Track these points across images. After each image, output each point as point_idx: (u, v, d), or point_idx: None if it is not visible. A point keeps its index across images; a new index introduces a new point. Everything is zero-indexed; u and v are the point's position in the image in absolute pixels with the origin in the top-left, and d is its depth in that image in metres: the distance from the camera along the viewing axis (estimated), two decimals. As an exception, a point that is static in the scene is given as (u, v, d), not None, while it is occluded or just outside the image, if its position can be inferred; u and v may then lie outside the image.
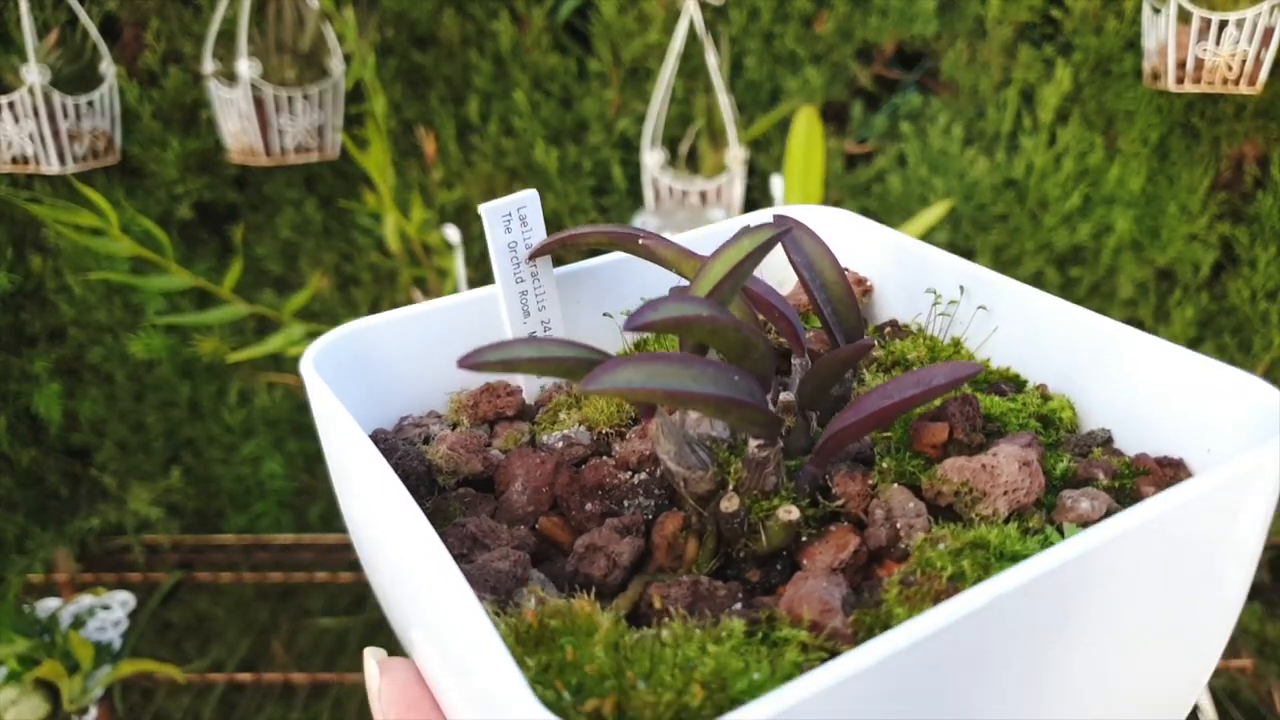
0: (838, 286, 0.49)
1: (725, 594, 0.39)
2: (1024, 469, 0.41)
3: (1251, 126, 1.26)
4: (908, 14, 1.27)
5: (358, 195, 1.34)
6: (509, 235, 0.54)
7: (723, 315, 0.38)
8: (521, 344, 0.41)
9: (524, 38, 1.29)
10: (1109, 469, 0.44)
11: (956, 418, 0.44)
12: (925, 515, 0.41)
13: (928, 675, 0.31)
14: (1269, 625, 1.44)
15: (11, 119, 1.12)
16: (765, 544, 0.41)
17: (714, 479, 0.43)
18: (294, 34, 1.19)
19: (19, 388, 1.38)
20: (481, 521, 0.45)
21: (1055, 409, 0.49)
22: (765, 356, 0.41)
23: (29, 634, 1.17)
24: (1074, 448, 0.47)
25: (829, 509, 0.42)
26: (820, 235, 0.58)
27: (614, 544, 0.42)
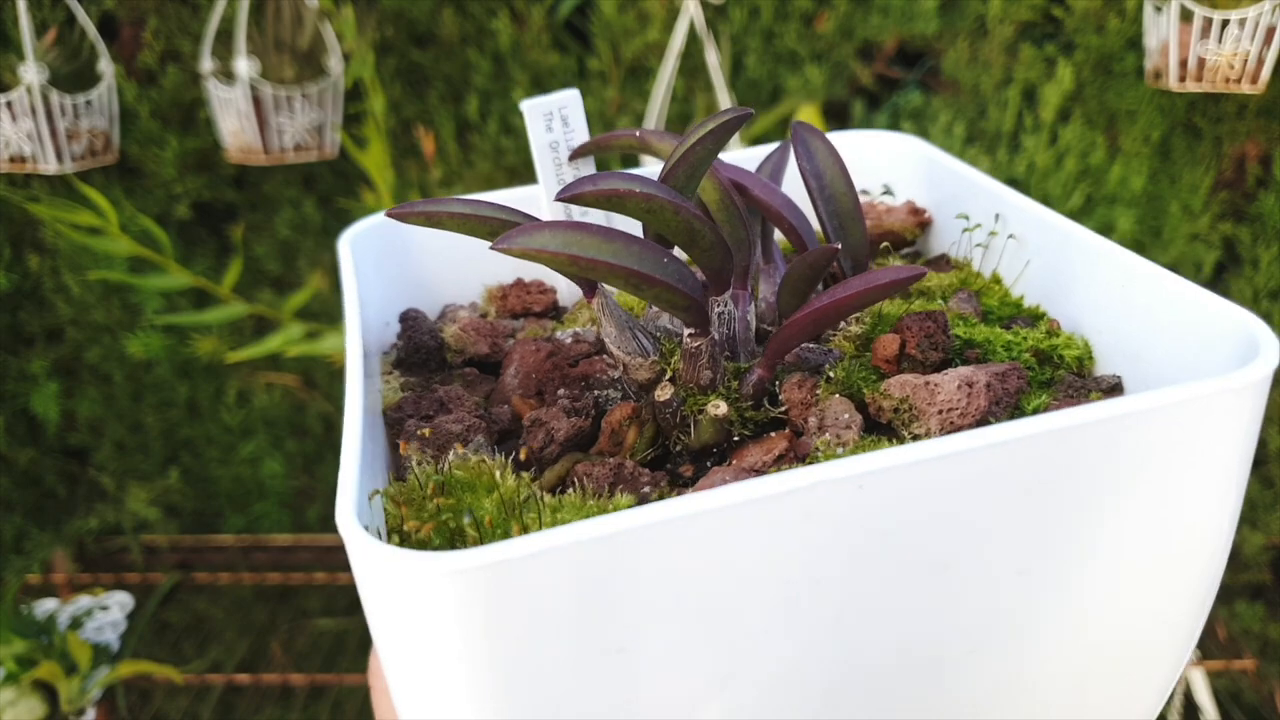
0: (845, 199, 0.48)
1: (647, 480, 0.39)
2: (963, 389, 0.39)
3: (1253, 126, 1.26)
4: (909, 12, 1.27)
5: (356, 194, 1.33)
6: (550, 134, 0.54)
7: (661, 194, 0.37)
8: (458, 202, 0.41)
9: (523, 36, 1.29)
10: None
11: (912, 331, 0.43)
12: (857, 428, 0.40)
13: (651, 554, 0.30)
14: (1271, 626, 1.44)
15: (9, 118, 1.11)
16: (695, 439, 0.41)
17: (653, 368, 0.43)
18: (292, 33, 1.19)
19: (17, 388, 1.37)
20: (451, 390, 0.47)
21: (1058, 345, 0.47)
22: (714, 247, 0.40)
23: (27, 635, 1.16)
24: (1068, 388, 0.45)
25: (771, 414, 0.42)
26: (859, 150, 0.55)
27: (556, 421, 0.43)
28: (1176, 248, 1.32)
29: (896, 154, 0.61)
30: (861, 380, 0.43)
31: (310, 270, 1.39)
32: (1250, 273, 1.31)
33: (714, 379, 0.41)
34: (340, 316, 1.36)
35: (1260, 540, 1.39)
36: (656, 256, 0.37)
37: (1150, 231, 1.33)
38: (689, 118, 1.30)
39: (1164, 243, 1.32)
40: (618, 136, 0.54)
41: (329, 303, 1.41)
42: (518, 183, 1.34)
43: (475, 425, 0.43)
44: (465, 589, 0.29)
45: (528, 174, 1.34)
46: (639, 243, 0.37)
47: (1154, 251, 1.33)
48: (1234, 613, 1.45)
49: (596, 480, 0.39)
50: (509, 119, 1.33)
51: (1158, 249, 1.33)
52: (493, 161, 1.34)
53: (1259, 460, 1.40)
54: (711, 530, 0.30)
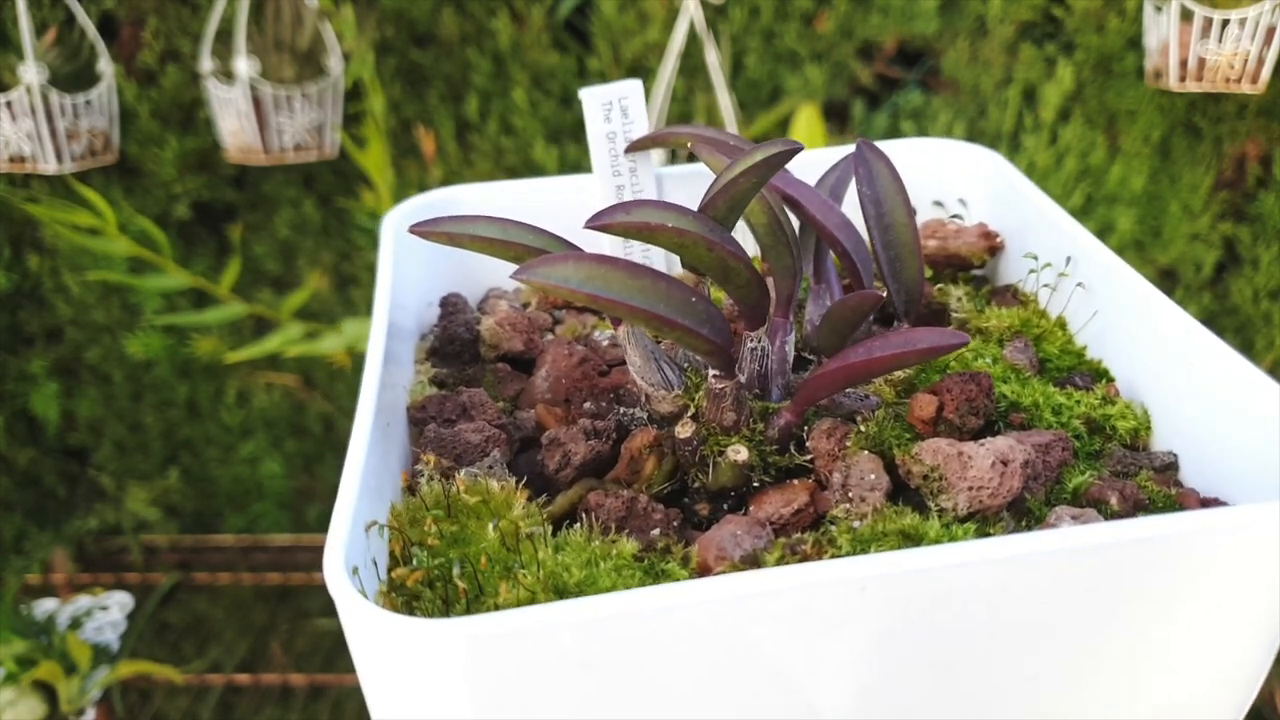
0: (904, 230, 0.45)
1: (660, 517, 0.38)
2: (996, 467, 0.36)
3: (1254, 125, 1.26)
4: (909, 12, 1.27)
5: (356, 194, 1.33)
6: (609, 125, 0.52)
7: (695, 229, 0.36)
8: (485, 222, 0.40)
9: (523, 36, 1.29)
10: (1130, 495, 0.38)
11: (952, 395, 0.40)
12: (883, 492, 0.38)
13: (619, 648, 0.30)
14: (1271, 626, 1.44)
15: (9, 118, 1.11)
16: (713, 480, 0.40)
17: (676, 402, 0.42)
18: (292, 32, 1.19)
19: (16, 388, 1.37)
20: (476, 394, 0.46)
21: (1112, 415, 0.43)
22: (749, 285, 0.38)
23: (26, 635, 1.16)
24: (1117, 464, 0.41)
25: (795, 461, 0.41)
26: (933, 160, 0.53)
27: (574, 443, 0.42)
28: (1176, 247, 1.32)
29: (973, 168, 0.58)
30: (894, 438, 0.40)
31: (310, 270, 1.39)
32: (1250, 273, 1.31)
33: (738, 420, 0.40)
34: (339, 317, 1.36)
35: (1260, 540, 1.39)
36: (684, 296, 0.36)
37: (1150, 231, 1.33)
38: (689, 118, 1.30)
39: (1164, 243, 1.32)
40: (676, 134, 0.52)
41: (328, 303, 1.41)
42: (517, 183, 1.34)
43: (494, 437, 0.42)
44: (438, 656, 0.29)
45: (528, 173, 1.34)
46: (666, 280, 0.36)
47: (1154, 251, 1.33)
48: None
49: (607, 513, 0.38)
50: (509, 119, 1.33)
51: (1158, 249, 1.33)
52: (493, 161, 1.34)
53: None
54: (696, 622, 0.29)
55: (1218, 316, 1.36)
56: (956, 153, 0.58)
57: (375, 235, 1.35)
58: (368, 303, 1.41)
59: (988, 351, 0.47)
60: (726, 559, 0.35)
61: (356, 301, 1.41)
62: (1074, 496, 0.39)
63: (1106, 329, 0.48)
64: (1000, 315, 0.51)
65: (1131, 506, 0.38)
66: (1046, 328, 0.50)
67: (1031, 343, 0.49)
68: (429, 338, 0.54)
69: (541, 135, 1.32)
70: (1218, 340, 0.41)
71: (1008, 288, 0.55)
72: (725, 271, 0.38)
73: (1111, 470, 0.41)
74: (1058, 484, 0.40)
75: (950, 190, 0.59)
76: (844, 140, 1.34)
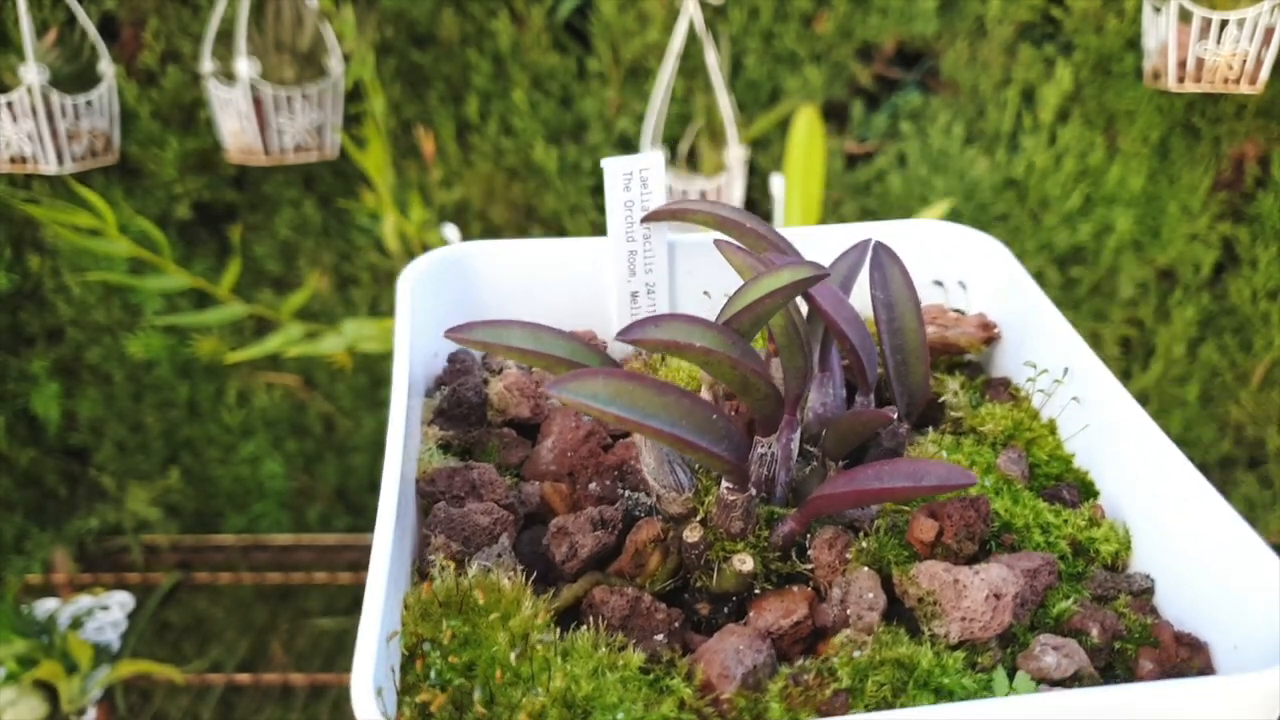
0: (913, 335, 0.47)
1: (662, 618, 0.39)
2: (990, 601, 0.38)
3: (1252, 126, 1.26)
4: (908, 13, 1.27)
5: (356, 195, 1.34)
6: (627, 194, 0.54)
7: (721, 348, 0.37)
8: (519, 329, 0.41)
9: (523, 37, 1.29)
10: (1109, 626, 0.39)
11: (951, 520, 0.41)
12: (879, 611, 0.39)
13: None
14: (1270, 625, 1.44)
15: (10, 118, 1.11)
16: (716, 584, 0.41)
17: (686, 504, 0.43)
18: (293, 33, 1.19)
19: (17, 388, 1.37)
20: (485, 471, 0.46)
21: (1096, 538, 0.45)
22: (767, 398, 0.40)
23: (27, 634, 1.16)
24: (1099, 587, 0.42)
25: (796, 569, 0.42)
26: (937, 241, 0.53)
27: (581, 534, 0.43)
28: (1175, 248, 1.32)
29: (976, 254, 0.58)
30: (893, 557, 0.41)
31: (310, 270, 1.39)
32: (1249, 273, 1.31)
33: (745, 528, 0.41)
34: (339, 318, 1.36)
35: (1259, 540, 1.40)
36: (705, 414, 0.37)
37: (1149, 231, 1.33)
38: (688, 118, 1.30)
39: (1163, 243, 1.32)
40: (692, 210, 0.53)
41: (329, 303, 1.42)
42: (518, 184, 1.34)
43: (502, 519, 0.43)
44: None
45: (528, 174, 1.34)
46: (690, 399, 0.37)
47: (1153, 251, 1.33)
48: (1233, 612, 1.45)
49: (612, 611, 0.39)
50: (509, 119, 1.33)
51: (1156, 249, 1.33)
52: (493, 162, 1.34)
53: (1258, 460, 1.40)
54: None
55: (1216, 317, 1.36)
56: (961, 237, 0.59)
57: (375, 236, 1.36)
58: (368, 303, 1.41)
59: (982, 459, 0.48)
60: (729, 678, 0.36)
61: (357, 302, 1.42)
62: (1056, 623, 0.40)
63: (1096, 443, 0.49)
64: (995, 415, 0.52)
65: (1110, 638, 0.39)
66: (1038, 432, 0.51)
67: (1025, 451, 0.50)
68: (436, 396, 0.55)
69: (541, 136, 1.32)
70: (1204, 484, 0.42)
71: (1003, 382, 0.56)
72: (746, 386, 0.39)
73: (1093, 593, 0.42)
74: (1042, 607, 0.41)
75: (952, 271, 0.59)
76: (844, 141, 1.34)
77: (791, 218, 1.10)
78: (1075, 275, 1.35)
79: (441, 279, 0.56)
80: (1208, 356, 1.36)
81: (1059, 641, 0.38)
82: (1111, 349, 1.39)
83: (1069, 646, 0.38)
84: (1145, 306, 1.37)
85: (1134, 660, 0.39)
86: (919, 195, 1.33)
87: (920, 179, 1.33)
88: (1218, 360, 1.36)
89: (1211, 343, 1.36)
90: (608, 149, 1.33)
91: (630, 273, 0.56)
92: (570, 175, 1.34)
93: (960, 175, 1.31)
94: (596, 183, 1.36)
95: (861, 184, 1.36)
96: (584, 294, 0.57)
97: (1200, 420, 1.40)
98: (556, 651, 0.37)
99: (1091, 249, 1.34)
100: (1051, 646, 0.37)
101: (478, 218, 1.37)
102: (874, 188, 1.36)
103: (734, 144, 1.22)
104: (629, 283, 0.57)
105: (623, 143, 1.33)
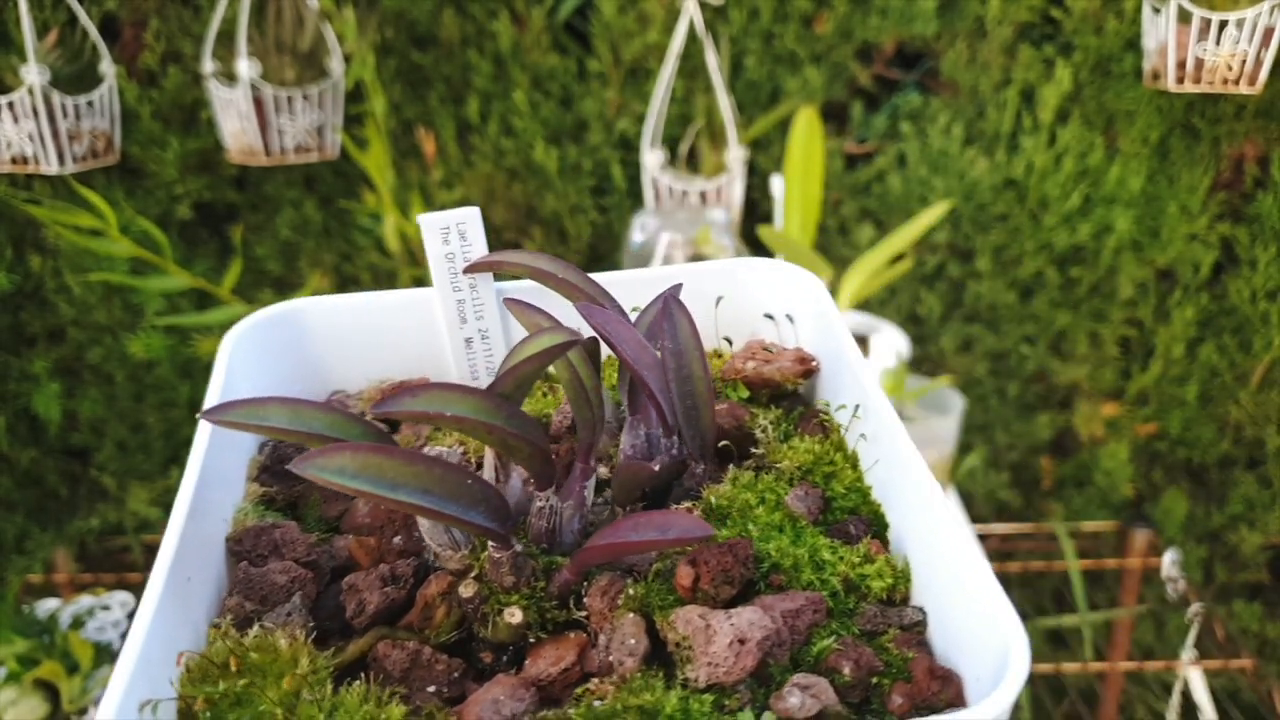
0: (700, 383, 0.49)
1: (443, 668, 0.41)
2: (734, 647, 0.39)
3: (1251, 126, 1.26)
4: (908, 14, 1.27)
5: (357, 195, 1.34)
6: (447, 247, 0.56)
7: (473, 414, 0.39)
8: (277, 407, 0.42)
9: (524, 38, 1.29)
10: (864, 663, 0.40)
11: (708, 566, 0.42)
12: (640, 657, 0.40)
13: None
14: (1268, 625, 1.44)
15: (11, 119, 1.11)
16: (491, 635, 0.43)
17: (462, 561, 0.44)
18: (293, 34, 1.19)
19: (18, 388, 1.38)
20: (288, 530, 0.48)
21: (869, 574, 0.45)
22: (532, 457, 0.42)
23: (28, 634, 1.17)
24: (868, 622, 0.43)
25: (573, 616, 0.43)
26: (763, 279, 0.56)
27: (369, 590, 0.44)
28: (1174, 248, 1.32)
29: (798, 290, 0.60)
30: (659, 602, 0.43)
31: (311, 271, 1.39)
32: (1248, 273, 1.31)
33: (517, 582, 0.42)
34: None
35: (1258, 540, 1.40)
36: (458, 480, 0.38)
37: (1148, 232, 1.33)
38: (688, 119, 1.30)
39: (1162, 243, 1.33)
40: (509, 261, 0.56)
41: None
42: (518, 184, 1.34)
43: (300, 577, 0.45)
44: None
45: (529, 175, 1.34)
46: (441, 466, 0.38)
47: (1152, 252, 1.33)
48: (1232, 612, 1.45)
49: (393, 665, 0.40)
50: (509, 120, 1.33)
51: (1156, 249, 1.33)
52: (493, 162, 1.34)
53: (1257, 460, 1.40)
54: None
55: (1215, 317, 1.36)
56: (784, 273, 0.60)
57: (376, 236, 1.36)
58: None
59: (773, 496, 0.49)
60: None
61: (357, 302, 1.42)
62: (816, 661, 0.41)
63: (886, 478, 0.50)
64: (798, 450, 0.52)
65: (865, 674, 0.40)
66: (839, 465, 0.52)
67: (816, 487, 0.50)
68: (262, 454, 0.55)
69: (542, 137, 1.32)
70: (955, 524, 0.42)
71: (815, 414, 0.56)
72: (507, 448, 0.41)
73: (861, 628, 0.43)
74: (808, 644, 0.42)
75: (781, 306, 0.61)
76: (843, 141, 1.35)
77: (791, 218, 1.11)
78: (1075, 275, 1.35)
79: (270, 336, 0.58)
80: (1207, 357, 1.37)
81: (809, 681, 0.38)
82: (1111, 349, 1.40)
83: (818, 686, 0.38)
84: (1144, 307, 1.37)
85: (886, 695, 0.40)
86: (918, 196, 1.33)
87: (920, 179, 1.33)
88: (1217, 360, 1.36)
89: (1211, 343, 1.36)
90: (608, 149, 1.33)
91: (461, 320, 0.58)
92: (570, 176, 1.34)
93: (960, 176, 1.32)
94: (597, 183, 1.36)
95: (861, 184, 1.36)
96: (421, 342, 0.58)
97: (1199, 420, 1.40)
98: (322, 708, 0.38)
99: (1091, 249, 1.34)
100: (800, 686, 0.38)
101: (478, 218, 1.37)
102: (873, 188, 1.36)
103: (734, 145, 1.23)
104: (461, 330, 0.58)
105: (623, 143, 1.33)
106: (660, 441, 0.49)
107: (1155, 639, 1.49)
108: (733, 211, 1.24)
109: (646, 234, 1.11)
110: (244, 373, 0.55)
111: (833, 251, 1.37)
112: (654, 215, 1.21)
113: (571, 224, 1.36)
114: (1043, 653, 1.49)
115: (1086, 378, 1.41)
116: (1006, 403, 1.44)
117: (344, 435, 0.42)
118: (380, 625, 0.44)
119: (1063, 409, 1.45)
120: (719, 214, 1.20)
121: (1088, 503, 1.46)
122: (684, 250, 1.12)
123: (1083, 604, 1.34)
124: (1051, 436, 1.45)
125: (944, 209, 1.21)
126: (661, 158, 1.24)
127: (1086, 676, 1.47)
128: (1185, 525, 1.45)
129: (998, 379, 1.43)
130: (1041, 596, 1.54)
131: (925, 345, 1.42)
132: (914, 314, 1.40)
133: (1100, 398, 1.43)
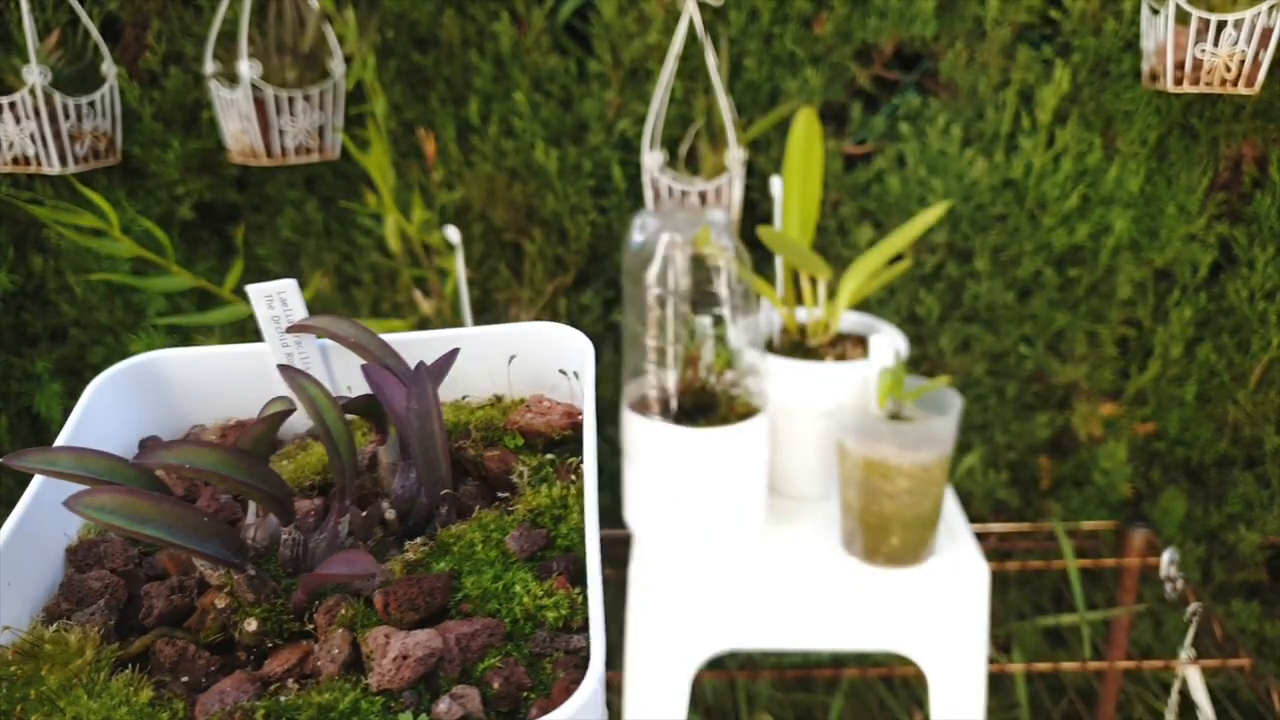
0: (436, 439, 0.58)
1: (204, 663, 0.50)
2: (396, 661, 0.47)
3: (1250, 127, 1.27)
4: (907, 15, 1.27)
5: (358, 196, 1.34)
6: (272, 311, 0.65)
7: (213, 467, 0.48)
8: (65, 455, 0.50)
9: (524, 39, 1.30)
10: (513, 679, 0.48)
11: (395, 595, 0.51)
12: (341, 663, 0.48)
13: None
14: (1267, 624, 1.45)
15: (12, 120, 1.12)
16: (240, 639, 0.51)
17: (220, 578, 0.53)
18: (294, 35, 1.19)
19: (20, 388, 1.38)
20: (113, 545, 0.57)
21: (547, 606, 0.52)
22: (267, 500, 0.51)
23: (30, 633, 1.17)
24: (538, 646, 0.50)
25: (306, 627, 0.51)
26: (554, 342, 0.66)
27: (159, 597, 0.53)
28: (1173, 249, 1.33)
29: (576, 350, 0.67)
30: (364, 621, 0.51)
31: (312, 271, 1.40)
32: (1246, 274, 1.32)
33: (257, 598, 0.51)
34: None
35: (1256, 539, 1.40)
36: (196, 518, 0.48)
37: (1147, 232, 1.33)
38: (688, 120, 1.30)
39: (1160, 244, 1.33)
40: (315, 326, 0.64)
41: (331, 303, 1.42)
42: (518, 185, 1.35)
43: (113, 584, 0.53)
44: None
45: (529, 175, 1.34)
46: (182, 506, 0.47)
47: (1151, 252, 1.34)
48: (1230, 611, 1.45)
49: (165, 659, 0.49)
50: (510, 121, 1.33)
51: (1154, 250, 1.33)
52: (494, 163, 1.35)
53: (1255, 460, 1.40)
54: None
55: (1214, 317, 1.37)
56: (566, 336, 0.69)
57: (377, 237, 1.36)
58: (370, 303, 1.42)
59: (497, 534, 0.57)
60: (205, 710, 0.46)
61: (359, 302, 1.42)
62: (479, 677, 0.49)
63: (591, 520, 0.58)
64: (540, 494, 0.60)
65: (514, 689, 0.47)
66: (571, 509, 0.59)
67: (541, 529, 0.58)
68: None
69: (542, 137, 1.33)
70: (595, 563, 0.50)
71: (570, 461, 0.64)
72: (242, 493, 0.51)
73: (532, 651, 0.51)
74: (481, 661, 0.50)
75: (570, 363, 0.69)
76: (842, 142, 1.35)
77: (790, 218, 1.11)
78: (1073, 276, 1.36)
79: (132, 383, 0.66)
80: (1205, 356, 1.37)
81: (464, 691, 0.46)
82: (1109, 349, 1.40)
83: (468, 696, 0.46)
84: (1143, 307, 1.37)
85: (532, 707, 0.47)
86: (917, 196, 1.33)
87: (919, 180, 1.33)
88: (1215, 360, 1.37)
89: (1209, 343, 1.37)
90: (608, 150, 1.34)
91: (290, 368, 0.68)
92: (571, 176, 1.35)
93: (959, 176, 1.32)
94: (597, 184, 1.36)
95: (860, 185, 1.37)
96: (261, 386, 0.68)
97: (1198, 420, 1.40)
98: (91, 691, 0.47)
99: (1089, 249, 1.35)
100: (453, 696, 0.46)
101: (479, 218, 1.37)
102: (872, 189, 1.36)
103: (733, 146, 1.23)
104: None
105: (623, 144, 1.34)
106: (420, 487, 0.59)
107: (1154, 638, 1.49)
108: (732, 212, 1.24)
109: (646, 234, 1.11)
110: (104, 417, 0.63)
111: (832, 252, 1.38)
112: (654, 216, 1.22)
113: (571, 224, 1.36)
114: (1041, 651, 1.49)
115: (1085, 377, 1.41)
116: (1005, 402, 1.45)
117: (119, 479, 0.50)
118: (165, 626, 0.52)
119: (1061, 409, 1.46)
120: (718, 214, 1.20)
121: (1086, 502, 1.46)
122: (684, 250, 1.12)
123: (1081, 603, 1.34)
124: (1050, 436, 1.46)
125: (942, 209, 1.21)
126: (661, 159, 1.25)
127: (1085, 675, 1.47)
128: (1183, 524, 1.45)
129: (996, 379, 1.44)
130: (1040, 595, 1.54)
131: (924, 345, 1.42)
132: (912, 314, 1.41)
133: (1099, 397, 1.44)
